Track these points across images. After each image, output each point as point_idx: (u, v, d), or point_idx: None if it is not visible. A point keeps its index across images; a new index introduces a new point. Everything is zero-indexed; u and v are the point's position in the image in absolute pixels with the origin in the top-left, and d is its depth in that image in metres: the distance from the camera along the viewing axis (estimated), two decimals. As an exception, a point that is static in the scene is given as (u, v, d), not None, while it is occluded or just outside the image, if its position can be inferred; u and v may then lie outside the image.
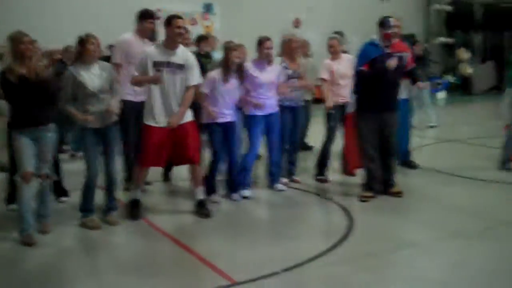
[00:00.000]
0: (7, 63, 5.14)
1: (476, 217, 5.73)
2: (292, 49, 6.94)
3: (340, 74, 7.09)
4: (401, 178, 6.93)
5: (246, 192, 6.60)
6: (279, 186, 6.87)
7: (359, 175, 6.76)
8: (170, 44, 5.70)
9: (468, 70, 13.75)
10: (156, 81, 5.59)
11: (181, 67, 5.70)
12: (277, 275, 4.33)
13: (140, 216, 5.87)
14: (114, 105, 5.51)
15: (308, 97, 8.27)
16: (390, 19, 6.26)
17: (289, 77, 6.89)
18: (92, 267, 4.84)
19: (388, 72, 6.18)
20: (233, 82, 6.32)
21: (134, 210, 5.90)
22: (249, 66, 6.59)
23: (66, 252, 5.10)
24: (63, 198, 6.45)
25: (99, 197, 5.78)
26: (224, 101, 6.28)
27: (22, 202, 5.20)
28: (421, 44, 11.02)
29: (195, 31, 15.29)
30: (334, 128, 7.18)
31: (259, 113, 6.56)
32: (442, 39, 18.45)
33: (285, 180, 7.09)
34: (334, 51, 7.20)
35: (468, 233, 5.28)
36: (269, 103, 6.61)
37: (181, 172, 7.04)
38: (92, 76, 5.42)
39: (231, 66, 6.26)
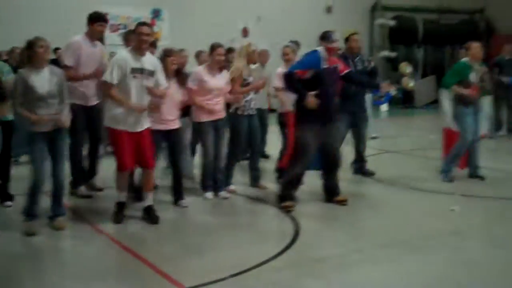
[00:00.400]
0: None
1: (417, 226, 5.90)
2: (249, 58, 7.01)
3: None
4: (346, 186, 7.07)
5: (209, 195, 6.80)
6: (223, 193, 6.91)
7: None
8: (140, 51, 5.71)
9: (410, 83, 14.14)
10: (139, 110, 5.69)
11: (152, 73, 5.77)
12: (224, 281, 4.36)
13: (122, 221, 5.85)
14: (66, 114, 5.48)
15: (265, 106, 8.37)
16: (332, 33, 6.38)
17: (245, 84, 6.97)
18: (37, 272, 4.75)
19: (326, 80, 6.28)
20: (173, 87, 6.32)
21: (119, 214, 5.89)
22: (201, 71, 6.66)
23: (11, 257, 5.01)
24: (8, 203, 6.31)
25: (46, 202, 5.71)
26: (165, 107, 6.24)
27: None
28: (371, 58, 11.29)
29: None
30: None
31: (208, 118, 6.62)
32: (385, 53, 18.92)
33: (232, 187, 7.15)
34: (287, 59, 7.32)
35: (410, 241, 5.43)
36: (218, 108, 6.69)
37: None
38: (42, 80, 5.34)
39: (168, 72, 6.24)
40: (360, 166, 8.17)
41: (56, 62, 7.20)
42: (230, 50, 8.91)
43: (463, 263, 4.86)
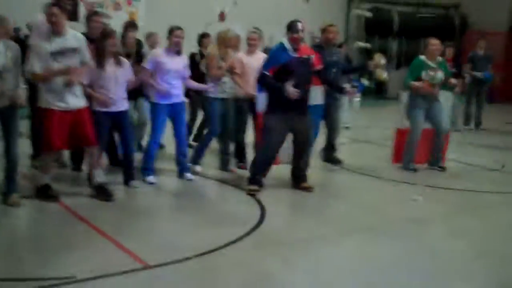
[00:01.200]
0: None
1: (381, 214, 6.04)
2: (226, 43, 7.09)
3: (250, 67, 7.23)
4: (315, 173, 7.17)
5: (151, 179, 6.71)
6: (188, 175, 6.97)
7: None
8: (56, 32, 5.64)
9: (383, 75, 14.23)
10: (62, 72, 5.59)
11: (74, 50, 5.71)
12: (190, 260, 4.43)
13: (56, 197, 5.84)
14: (22, 95, 5.45)
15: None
16: (298, 23, 6.42)
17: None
18: None
19: (294, 77, 6.28)
20: (113, 69, 6.27)
21: (48, 193, 5.86)
22: (158, 52, 6.75)
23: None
24: None
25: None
26: (111, 87, 6.24)
27: None
28: (345, 46, 11.45)
29: (120, 17, 15.17)
30: (242, 119, 7.43)
31: (163, 101, 6.67)
32: (361, 44, 19.04)
33: (198, 168, 7.27)
34: (253, 44, 7.41)
35: (373, 228, 5.56)
36: (175, 92, 6.74)
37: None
38: None
39: (107, 53, 6.22)
40: (329, 154, 8.27)
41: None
42: (205, 35, 8.94)
43: (423, 250, 5.00)
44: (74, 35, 5.77)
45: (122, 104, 6.37)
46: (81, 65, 5.79)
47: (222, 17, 17.22)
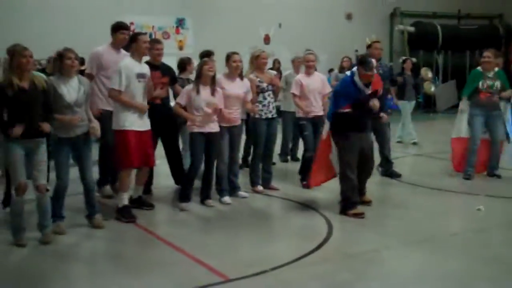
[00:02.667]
0: (6, 75, 5.29)
1: (444, 224, 6.19)
2: (260, 63, 7.36)
3: (310, 89, 7.54)
4: (374, 188, 7.37)
5: (227, 199, 7.00)
6: (241, 193, 7.25)
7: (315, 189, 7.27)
8: (140, 58, 6.32)
9: (431, 88, 14.35)
10: (144, 110, 6.21)
11: (145, 77, 6.33)
12: (266, 273, 4.67)
13: (135, 218, 6.17)
14: (97, 126, 5.84)
15: (291, 108, 8.68)
16: (372, 60, 6.40)
17: (264, 91, 7.31)
18: (88, 271, 5.06)
19: (365, 104, 6.43)
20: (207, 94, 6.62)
21: (128, 214, 6.20)
22: (221, 78, 6.98)
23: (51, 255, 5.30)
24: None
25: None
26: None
27: (15, 213, 5.38)
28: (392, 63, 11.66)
29: (168, 45, 15.68)
30: (309, 136, 7.62)
31: (224, 125, 6.91)
32: (401, 27, 19.17)
33: (260, 187, 7.52)
34: (311, 66, 7.65)
35: (437, 238, 5.70)
36: (234, 117, 6.99)
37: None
38: (71, 89, 5.66)
39: (207, 79, 6.60)
40: (386, 169, 8.43)
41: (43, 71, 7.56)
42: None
43: (487, 259, 5.10)
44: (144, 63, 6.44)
45: (214, 126, 6.72)
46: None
47: (267, 40, 17.61)
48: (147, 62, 6.68)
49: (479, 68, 8.31)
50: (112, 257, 5.28)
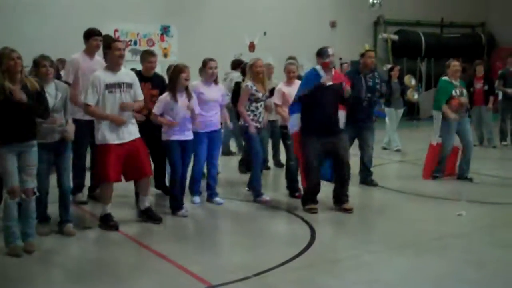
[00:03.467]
0: None
1: (426, 229, 6.22)
2: (256, 72, 7.32)
3: (292, 97, 7.51)
4: (355, 194, 7.43)
5: (196, 199, 7.18)
6: (218, 199, 7.28)
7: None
8: (115, 66, 6.12)
9: (414, 96, 14.45)
10: (118, 122, 6.01)
11: (130, 86, 6.15)
12: (249, 279, 4.68)
13: (117, 226, 6.13)
14: (71, 130, 5.85)
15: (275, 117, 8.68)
16: (328, 48, 6.78)
17: (258, 101, 7.32)
18: (70, 277, 5.02)
19: (326, 95, 6.62)
20: (184, 100, 6.62)
21: (109, 222, 6.16)
22: (198, 84, 7.12)
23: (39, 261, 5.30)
24: None
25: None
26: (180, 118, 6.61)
27: (9, 216, 5.33)
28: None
29: (153, 52, 15.69)
30: (292, 145, 7.61)
31: (202, 130, 7.00)
32: (385, 35, 19.35)
33: (267, 197, 7.43)
34: (292, 76, 7.62)
35: (420, 243, 5.75)
36: (213, 120, 7.11)
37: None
38: (47, 96, 5.64)
39: (180, 86, 6.59)
40: (364, 177, 8.42)
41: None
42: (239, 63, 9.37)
43: (470, 262, 5.17)
44: (127, 72, 6.30)
45: (189, 134, 6.75)
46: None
47: (251, 47, 17.66)
48: (138, 73, 6.69)
49: (445, 77, 8.62)
50: (95, 264, 5.24)
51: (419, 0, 20.57)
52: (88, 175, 7.34)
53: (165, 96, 6.59)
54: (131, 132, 6.17)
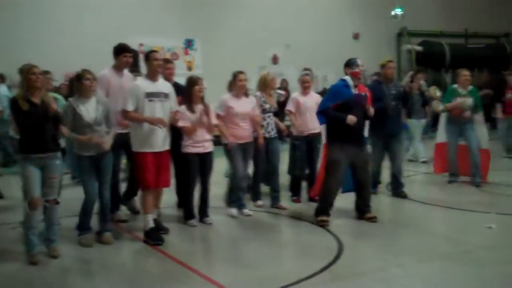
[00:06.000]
0: (19, 92, 5.49)
1: (454, 242, 6.16)
2: (267, 85, 7.55)
3: (307, 107, 7.67)
4: (384, 205, 7.34)
5: (233, 211, 7.20)
6: (246, 211, 7.30)
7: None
8: (154, 76, 6.21)
9: (439, 107, 14.31)
10: (157, 121, 6.04)
11: (167, 96, 6.23)
12: (276, 292, 4.66)
13: (162, 241, 6.11)
14: (108, 138, 5.93)
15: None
16: (356, 59, 6.88)
17: (266, 111, 7.46)
18: (95, 286, 5.09)
19: (354, 105, 6.70)
20: (201, 112, 6.64)
21: (155, 237, 6.15)
22: (227, 98, 7.13)
23: (68, 271, 5.39)
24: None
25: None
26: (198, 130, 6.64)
27: (28, 226, 5.45)
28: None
29: (177, 65, 15.75)
30: (300, 157, 7.75)
31: (235, 142, 7.03)
32: (409, 46, 19.22)
33: (260, 202, 7.67)
34: (307, 86, 7.84)
35: (448, 255, 5.67)
36: (244, 134, 7.11)
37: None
38: (89, 109, 5.81)
39: (196, 99, 6.63)
40: (394, 188, 8.39)
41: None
42: None
43: (499, 276, 5.08)
44: (164, 82, 6.39)
45: (209, 145, 6.76)
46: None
47: (275, 60, 17.71)
48: None
49: (454, 85, 9.15)
50: (122, 274, 5.27)
51: (442, 10, 20.50)
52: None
53: (183, 107, 6.62)
54: (165, 142, 6.23)
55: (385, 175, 8.47)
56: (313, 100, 7.81)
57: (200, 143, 6.64)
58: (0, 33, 14.10)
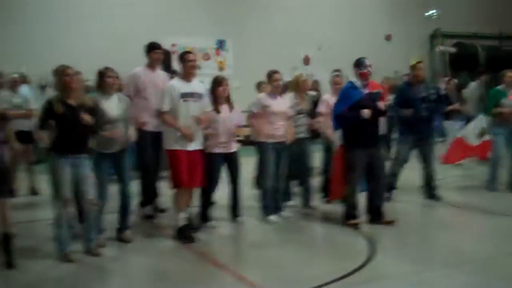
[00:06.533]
0: (55, 94, 5.61)
1: (488, 246, 6.08)
2: (300, 87, 7.56)
3: None
4: (420, 208, 7.31)
5: (273, 217, 7.05)
6: (285, 213, 7.28)
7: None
8: (188, 77, 6.27)
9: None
10: (188, 138, 6.11)
11: (201, 96, 6.28)
12: (308, 292, 4.67)
13: (194, 238, 6.17)
14: (130, 132, 6.03)
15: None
16: (365, 59, 6.84)
17: (298, 113, 7.46)
18: (130, 285, 5.14)
19: (367, 105, 6.65)
20: (226, 112, 6.71)
21: (187, 234, 6.20)
22: (263, 97, 7.14)
23: (96, 268, 5.47)
24: None
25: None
26: (222, 131, 6.67)
27: (60, 225, 5.53)
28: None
29: (209, 66, 15.91)
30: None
31: (270, 140, 7.03)
32: (442, 48, 18.91)
33: (292, 202, 7.68)
34: (338, 87, 7.71)
35: (480, 261, 5.59)
36: (279, 133, 7.08)
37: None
38: (112, 106, 5.91)
39: (221, 98, 6.67)
40: (427, 190, 8.30)
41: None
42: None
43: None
44: (198, 83, 6.41)
45: (234, 146, 6.81)
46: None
47: (306, 61, 17.68)
48: None
49: (499, 86, 8.79)
50: (153, 273, 5.35)
51: (476, 12, 20.22)
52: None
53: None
54: (197, 142, 6.28)
55: (417, 179, 8.35)
56: None
57: (225, 143, 6.67)
58: (31, 35, 14.35)
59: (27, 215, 7.40)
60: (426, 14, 17.84)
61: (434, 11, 17.09)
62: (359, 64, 6.83)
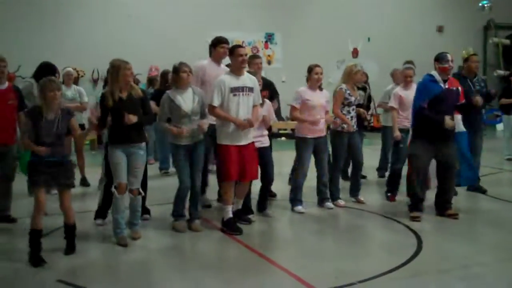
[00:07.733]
0: (109, 86, 5.83)
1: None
2: (352, 77, 7.49)
3: (410, 100, 7.45)
4: (467, 202, 7.19)
5: (300, 209, 7.12)
6: (328, 204, 7.31)
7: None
8: (238, 71, 6.30)
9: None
10: (242, 127, 6.18)
11: (251, 90, 6.31)
12: (354, 286, 4.66)
13: (241, 231, 6.24)
14: (205, 123, 6.18)
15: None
16: (447, 54, 6.71)
17: (350, 104, 7.43)
18: (179, 273, 5.20)
19: (445, 100, 6.60)
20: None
21: (234, 226, 6.29)
22: (303, 90, 7.16)
23: (154, 254, 5.66)
24: (147, 216, 6.81)
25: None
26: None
27: (117, 209, 5.81)
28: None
29: (258, 59, 15.95)
30: (403, 149, 7.59)
31: (309, 135, 7.05)
32: (500, 72, 18.51)
33: (342, 202, 7.52)
34: (410, 81, 7.75)
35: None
36: (319, 126, 7.11)
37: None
38: (187, 100, 6.09)
39: None
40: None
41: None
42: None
43: None
44: (249, 76, 6.42)
45: (265, 140, 6.87)
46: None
47: (355, 53, 17.56)
48: None
49: None
50: (201, 262, 5.42)
51: (531, 2, 19.67)
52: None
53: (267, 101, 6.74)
54: (248, 136, 6.34)
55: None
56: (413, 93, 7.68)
57: (257, 137, 6.67)
58: (89, 30, 14.70)
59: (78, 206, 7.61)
60: (479, 4, 17.56)
61: (486, 1, 16.72)
62: (440, 58, 6.74)
